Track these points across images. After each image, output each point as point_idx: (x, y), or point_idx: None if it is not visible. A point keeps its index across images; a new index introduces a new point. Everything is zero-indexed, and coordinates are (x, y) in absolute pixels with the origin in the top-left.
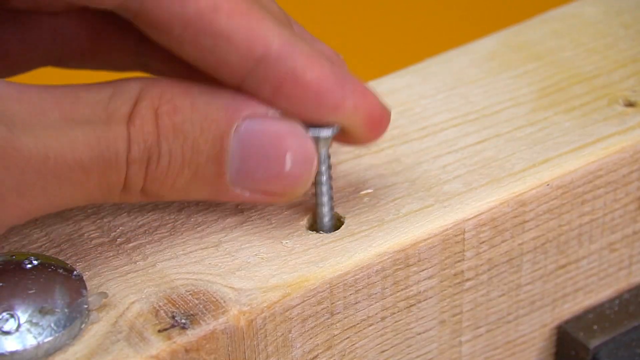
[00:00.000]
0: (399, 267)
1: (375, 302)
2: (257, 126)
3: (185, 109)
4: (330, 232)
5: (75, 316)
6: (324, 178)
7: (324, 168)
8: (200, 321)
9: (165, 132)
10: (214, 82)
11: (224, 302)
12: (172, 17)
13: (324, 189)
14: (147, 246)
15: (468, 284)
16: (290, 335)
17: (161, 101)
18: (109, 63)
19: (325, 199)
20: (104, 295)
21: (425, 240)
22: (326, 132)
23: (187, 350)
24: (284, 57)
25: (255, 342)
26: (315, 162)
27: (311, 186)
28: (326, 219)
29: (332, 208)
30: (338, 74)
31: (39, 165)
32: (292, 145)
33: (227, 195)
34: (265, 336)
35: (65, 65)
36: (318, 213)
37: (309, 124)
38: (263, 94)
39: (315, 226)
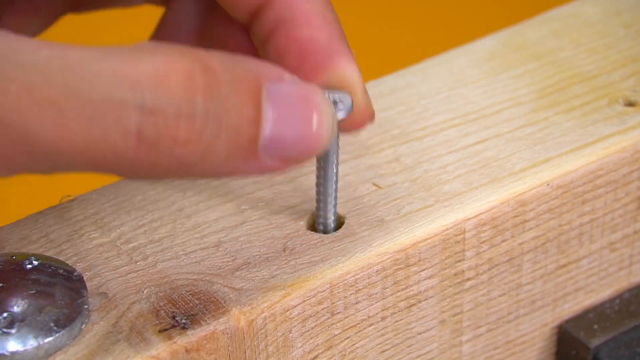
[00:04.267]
0: (400, 266)
1: (376, 302)
2: (284, 88)
3: (219, 72)
4: (331, 231)
5: (75, 316)
6: (334, 159)
7: (334, 149)
8: (201, 321)
9: (203, 90)
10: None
11: (225, 302)
12: None
13: (331, 181)
14: (148, 246)
15: (468, 283)
16: (291, 335)
17: (194, 64)
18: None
19: (331, 193)
20: (104, 295)
21: (425, 240)
22: (340, 114)
23: (187, 351)
24: (289, 3)
25: (255, 342)
26: (336, 122)
27: (317, 185)
28: (331, 216)
29: (336, 204)
30: (333, 40)
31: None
32: (317, 105)
33: (252, 164)
34: (266, 336)
35: (84, 8)
36: (323, 210)
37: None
38: (260, 36)
39: (315, 226)
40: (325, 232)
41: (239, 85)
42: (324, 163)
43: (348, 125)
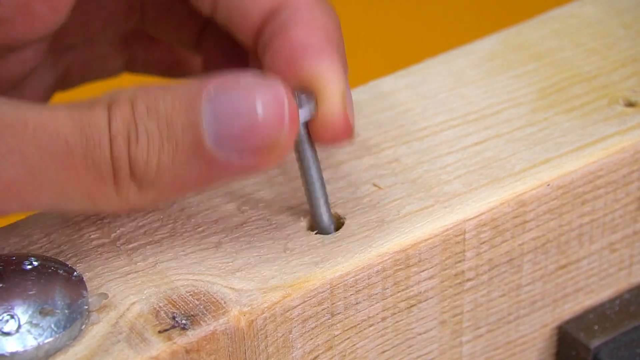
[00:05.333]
0: (400, 267)
1: (376, 303)
2: (228, 86)
3: (158, 92)
4: (330, 232)
5: (75, 317)
6: (310, 164)
7: (308, 154)
8: (201, 322)
9: (139, 115)
10: None
11: (225, 302)
12: None
13: (315, 185)
14: (147, 247)
15: (469, 284)
16: (291, 335)
17: (136, 93)
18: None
19: (319, 197)
20: (104, 296)
21: (425, 240)
22: (303, 112)
23: (187, 351)
24: (292, 7)
25: (255, 343)
26: (287, 104)
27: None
28: (325, 218)
29: (328, 206)
30: (324, 44)
31: (16, 132)
32: (259, 92)
33: (216, 167)
34: (266, 337)
35: (69, 85)
36: (315, 214)
37: None
38: (261, 49)
39: (315, 227)
40: (324, 233)
41: (177, 100)
42: (302, 167)
43: (320, 134)
